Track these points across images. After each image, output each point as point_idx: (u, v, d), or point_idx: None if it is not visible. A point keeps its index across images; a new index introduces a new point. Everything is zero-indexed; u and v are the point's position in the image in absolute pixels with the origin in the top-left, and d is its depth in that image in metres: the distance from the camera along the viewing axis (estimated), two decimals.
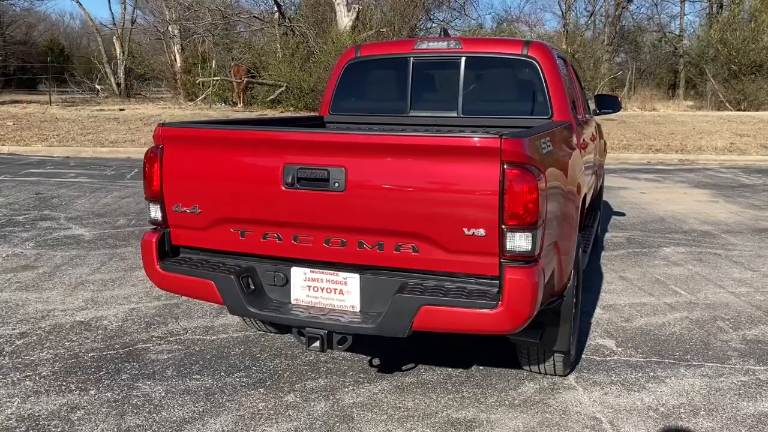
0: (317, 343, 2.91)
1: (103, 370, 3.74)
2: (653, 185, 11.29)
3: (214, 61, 24.30)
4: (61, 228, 7.38)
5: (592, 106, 6.17)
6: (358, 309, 2.96)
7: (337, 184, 2.76)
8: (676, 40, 35.72)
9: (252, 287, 3.05)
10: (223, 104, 24.15)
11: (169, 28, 29.35)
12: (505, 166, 2.55)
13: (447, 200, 2.65)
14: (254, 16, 25.72)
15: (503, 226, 2.59)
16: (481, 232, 2.62)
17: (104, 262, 5.98)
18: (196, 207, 3.07)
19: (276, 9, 24.18)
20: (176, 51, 29.39)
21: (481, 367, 3.84)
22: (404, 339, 2.83)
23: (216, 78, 22.79)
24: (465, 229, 2.63)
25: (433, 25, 30.12)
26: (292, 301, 3.07)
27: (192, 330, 4.37)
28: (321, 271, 2.99)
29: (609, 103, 5.94)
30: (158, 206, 3.16)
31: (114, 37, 35.65)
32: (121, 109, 22.59)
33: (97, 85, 32.98)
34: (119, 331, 4.34)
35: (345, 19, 23.40)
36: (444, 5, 29.90)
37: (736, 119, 20.44)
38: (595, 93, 18.31)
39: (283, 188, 2.85)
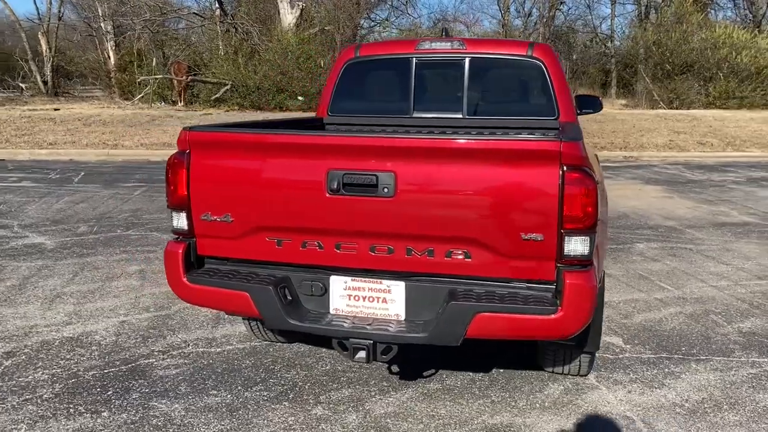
0: (362, 354, 2.81)
1: (111, 390, 3.51)
2: (607, 182, 11.60)
3: (154, 59, 23.47)
4: (18, 237, 6.93)
5: None
6: (402, 318, 2.88)
7: (386, 190, 2.67)
8: (607, 41, 36.97)
9: (289, 298, 2.92)
10: (163, 103, 23.37)
11: (102, 24, 28.13)
12: (564, 170, 2.53)
13: (504, 205, 2.60)
14: (194, 13, 24.99)
15: (562, 230, 2.56)
16: (539, 236, 2.58)
17: (76, 273, 5.64)
18: (228, 215, 2.91)
19: (217, 5, 23.60)
20: (110, 48, 28.20)
21: (501, 370, 3.82)
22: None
23: (158, 76, 22.02)
24: (522, 234, 2.59)
25: (374, 23, 30.12)
26: (331, 311, 2.96)
27: (193, 342, 4.17)
28: (363, 279, 2.88)
29: (590, 103, 6.02)
30: (184, 215, 2.98)
31: (39, 32, 33.88)
32: (55, 109, 21.51)
33: (21, 84, 31.29)
34: (115, 347, 4.09)
35: (289, 17, 23.08)
36: (386, 3, 29.92)
37: (671, 117, 21.29)
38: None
39: (327, 194, 2.74)
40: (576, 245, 2.58)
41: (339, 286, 2.92)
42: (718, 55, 22.34)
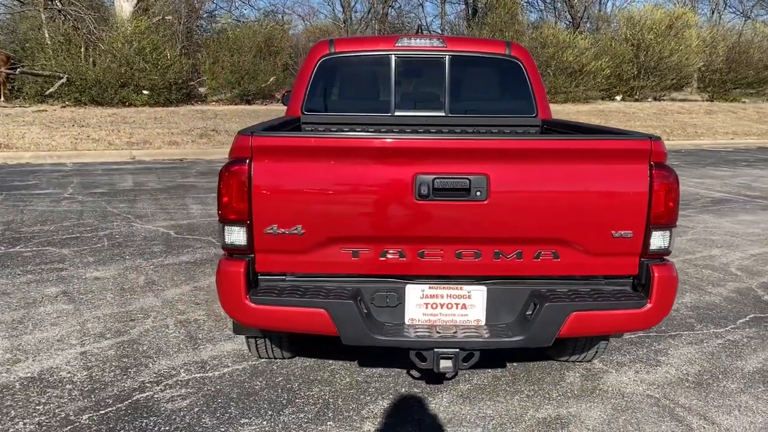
0: (448, 363, 2.72)
1: None
2: None
3: None
4: None
5: None
6: (483, 323, 2.83)
7: (479, 193, 2.60)
8: None
9: (366, 311, 2.74)
10: None
11: None
12: (653, 167, 2.63)
13: (596, 204, 2.65)
14: None
15: (650, 226, 2.67)
16: (629, 233, 2.67)
17: None
18: (298, 227, 2.65)
19: None
20: None
21: (515, 363, 3.89)
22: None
23: None
24: (613, 232, 2.67)
25: (221, 11, 28.89)
26: (407, 322, 2.82)
27: (184, 368, 3.76)
28: (442, 286, 2.79)
29: None
30: (243, 229, 2.66)
31: None
32: None
33: None
34: (95, 383, 3.56)
35: (125, 5, 21.35)
36: None
37: None
38: None
39: (415, 200, 2.60)
40: (660, 240, 2.71)
41: (415, 294, 2.79)
42: (546, 53, 24.39)
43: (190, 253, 6.19)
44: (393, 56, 4.34)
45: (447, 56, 4.36)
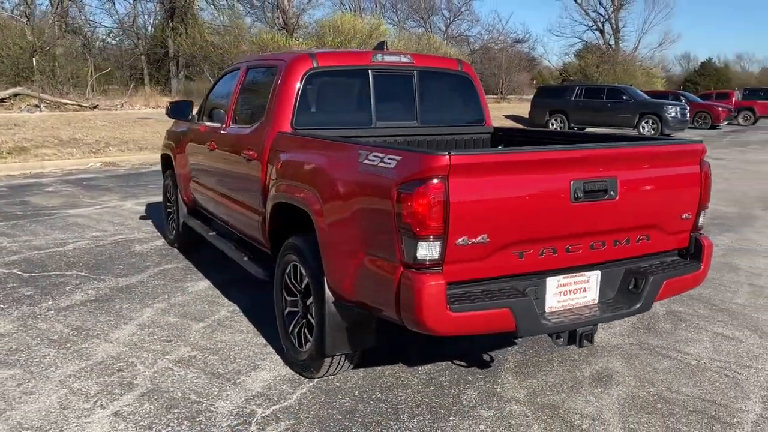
0: (588, 340, 3.22)
1: None
2: None
3: None
4: None
5: None
6: (597, 301, 3.36)
7: (612, 193, 3.13)
8: (135, 37, 36.52)
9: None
10: None
11: None
12: (702, 163, 3.48)
13: (676, 194, 3.40)
14: None
15: (701, 208, 3.51)
16: (689, 214, 3.49)
17: None
18: (484, 236, 2.83)
19: None
20: None
21: (526, 350, 4.44)
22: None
23: None
24: (683, 214, 3.45)
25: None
26: (547, 310, 3.21)
27: (251, 401, 3.50)
28: (571, 275, 3.24)
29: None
30: (437, 243, 2.74)
31: None
32: None
33: None
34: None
35: None
36: None
37: None
38: None
39: (571, 203, 3.01)
40: (702, 218, 3.57)
41: (553, 285, 3.20)
42: None
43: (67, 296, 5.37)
44: (370, 71, 4.52)
45: (415, 71, 4.71)
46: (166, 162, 6.98)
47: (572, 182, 3.01)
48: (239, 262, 4.78)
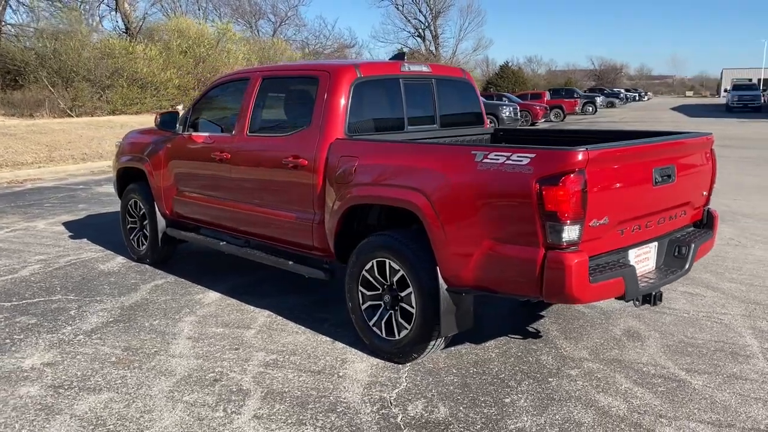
0: (659, 300, 3.93)
1: None
2: None
3: None
4: None
5: None
6: (654, 267, 4.08)
7: (673, 177, 3.86)
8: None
9: None
10: None
11: None
12: (713, 150, 4.37)
13: (702, 175, 4.25)
14: None
15: (712, 186, 4.40)
16: (706, 192, 4.35)
17: None
18: (606, 218, 3.40)
19: None
20: None
21: (543, 321, 5.10)
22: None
23: None
24: (704, 192, 4.30)
25: None
26: None
27: (368, 399, 3.75)
28: (642, 247, 3.91)
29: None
30: (577, 227, 3.26)
31: None
32: None
33: None
34: None
35: None
36: None
37: (109, 123, 21.34)
38: None
39: (653, 186, 3.70)
40: (710, 197, 4.45)
41: (633, 256, 3.84)
42: (114, 64, 23.55)
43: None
44: (401, 80, 4.89)
45: (433, 79, 5.16)
46: (127, 177, 6.71)
47: (654, 169, 3.70)
48: (282, 267, 4.91)
